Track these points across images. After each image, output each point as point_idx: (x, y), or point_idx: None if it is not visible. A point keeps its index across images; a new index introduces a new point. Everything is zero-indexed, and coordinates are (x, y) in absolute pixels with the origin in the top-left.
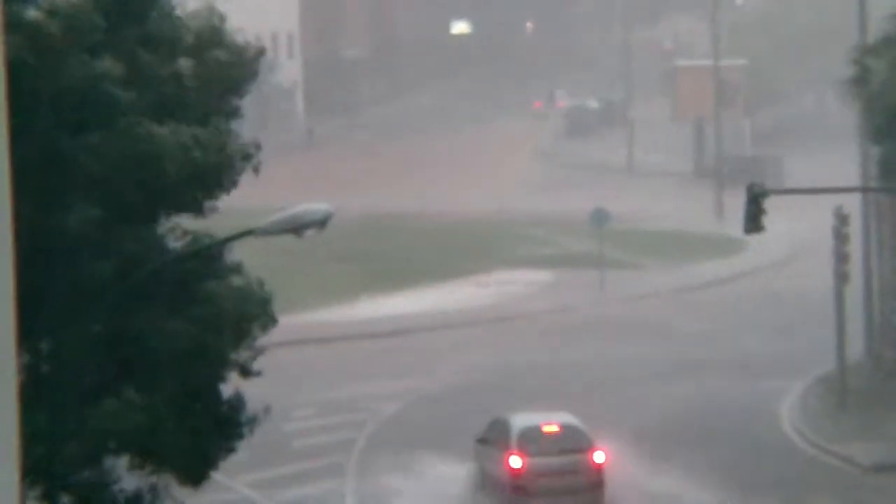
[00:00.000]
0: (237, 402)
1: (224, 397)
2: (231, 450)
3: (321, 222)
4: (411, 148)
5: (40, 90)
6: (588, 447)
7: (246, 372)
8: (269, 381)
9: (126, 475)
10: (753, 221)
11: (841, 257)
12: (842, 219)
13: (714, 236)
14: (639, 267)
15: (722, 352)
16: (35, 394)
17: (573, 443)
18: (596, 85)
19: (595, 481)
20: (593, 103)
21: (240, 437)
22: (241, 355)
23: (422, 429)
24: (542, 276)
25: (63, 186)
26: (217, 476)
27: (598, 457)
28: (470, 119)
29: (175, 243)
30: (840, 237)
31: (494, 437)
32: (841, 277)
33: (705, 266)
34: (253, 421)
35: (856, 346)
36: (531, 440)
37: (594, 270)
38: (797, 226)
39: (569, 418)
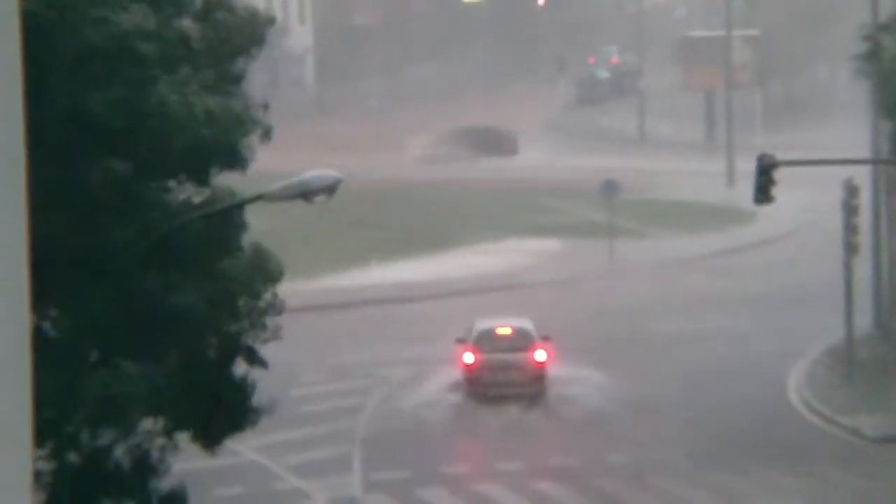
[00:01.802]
0: (245, 387)
1: (234, 380)
2: (240, 428)
3: (331, 188)
4: (422, 116)
5: (61, 48)
6: (531, 346)
7: (252, 359)
8: (277, 347)
9: (134, 435)
10: (763, 192)
11: (850, 229)
12: (851, 191)
13: (724, 206)
14: (648, 236)
15: (729, 321)
16: (45, 355)
17: (520, 342)
18: (608, 54)
19: (536, 375)
20: (604, 73)
21: (244, 424)
22: (251, 336)
23: (430, 394)
24: (551, 244)
25: (86, 145)
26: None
27: (539, 355)
28: (481, 88)
29: (194, 203)
30: (849, 209)
31: (464, 338)
32: (850, 249)
33: (714, 236)
34: (258, 413)
35: (864, 318)
36: (485, 339)
37: (603, 240)
38: (808, 198)
39: (523, 322)
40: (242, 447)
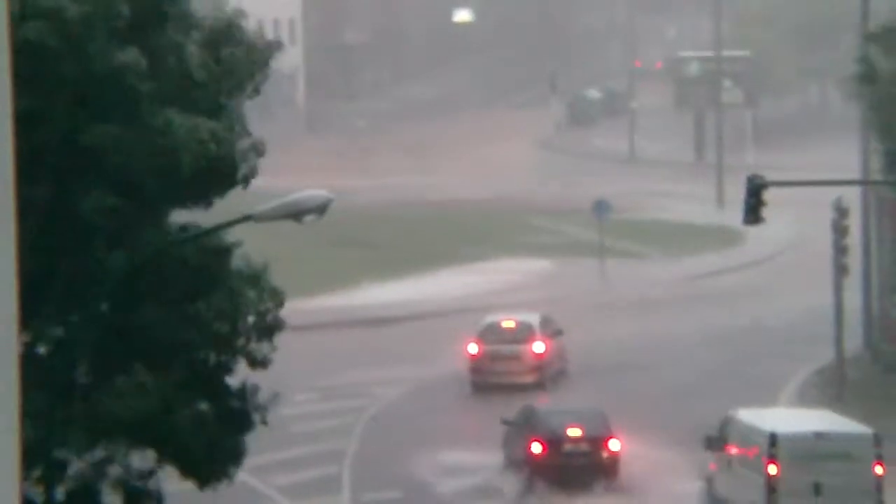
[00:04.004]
0: (247, 392)
1: (233, 388)
2: (240, 451)
3: (321, 208)
4: (413, 135)
5: (62, 75)
6: (531, 338)
7: (255, 362)
8: (269, 366)
9: (124, 461)
10: (753, 213)
11: (840, 249)
12: (841, 211)
13: (714, 226)
14: (640, 256)
15: (719, 340)
16: (36, 376)
17: (521, 335)
18: (598, 73)
19: (535, 365)
20: (595, 93)
21: (249, 427)
22: (252, 346)
23: (421, 414)
24: (542, 264)
25: (81, 172)
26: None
27: (538, 347)
28: (472, 107)
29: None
30: (839, 229)
31: (473, 332)
32: (840, 269)
33: (705, 256)
34: (262, 409)
35: (854, 339)
36: (489, 332)
37: (595, 259)
38: (797, 218)
39: (528, 317)
40: None
